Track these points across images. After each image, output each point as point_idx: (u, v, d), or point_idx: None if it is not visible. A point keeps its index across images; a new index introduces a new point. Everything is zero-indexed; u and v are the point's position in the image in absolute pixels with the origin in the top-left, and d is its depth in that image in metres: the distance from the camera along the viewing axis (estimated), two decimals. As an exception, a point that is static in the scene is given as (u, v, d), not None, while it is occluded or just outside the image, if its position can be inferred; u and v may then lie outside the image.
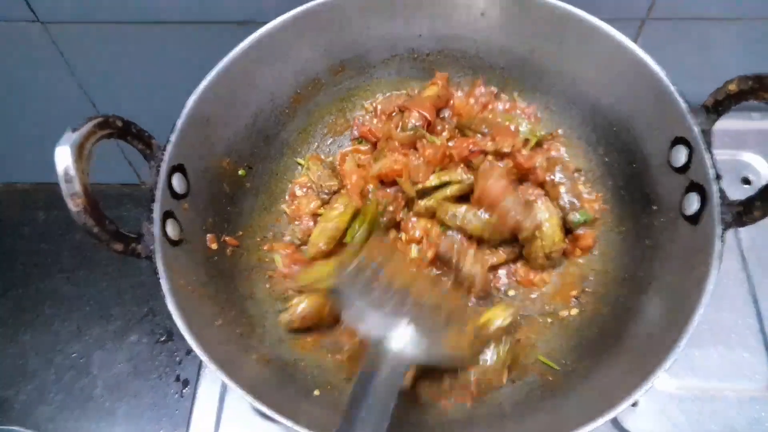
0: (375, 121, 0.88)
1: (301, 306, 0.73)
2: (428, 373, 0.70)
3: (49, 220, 1.20)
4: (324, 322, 0.74)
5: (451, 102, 0.87)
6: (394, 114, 0.86)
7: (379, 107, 0.88)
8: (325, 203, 0.83)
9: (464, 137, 0.82)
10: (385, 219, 0.79)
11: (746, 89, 0.58)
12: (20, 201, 1.23)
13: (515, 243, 0.77)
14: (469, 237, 0.75)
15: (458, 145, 0.79)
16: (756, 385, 0.81)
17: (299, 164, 0.87)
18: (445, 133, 0.83)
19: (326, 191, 0.82)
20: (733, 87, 0.59)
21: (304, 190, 0.85)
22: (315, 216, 0.83)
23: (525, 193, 0.79)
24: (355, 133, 0.88)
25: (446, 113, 0.87)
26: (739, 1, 0.86)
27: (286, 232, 0.83)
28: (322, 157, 0.88)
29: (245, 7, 0.87)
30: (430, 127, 0.82)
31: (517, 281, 0.79)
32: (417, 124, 0.81)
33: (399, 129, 0.82)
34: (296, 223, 0.83)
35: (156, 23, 0.90)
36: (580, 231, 0.77)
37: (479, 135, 0.80)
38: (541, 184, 0.80)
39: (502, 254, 0.78)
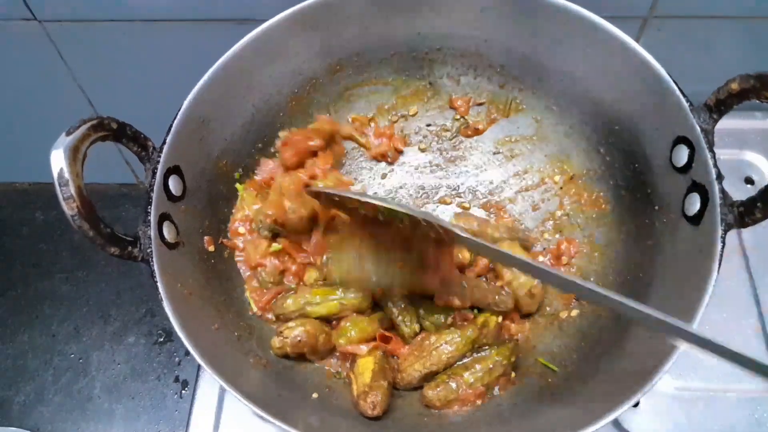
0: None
1: (296, 332, 0.69)
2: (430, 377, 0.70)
3: (48, 221, 1.20)
4: (317, 351, 0.71)
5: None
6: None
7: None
8: (271, 239, 0.76)
9: None
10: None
11: (748, 88, 0.57)
12: (19, 201, 1.23)
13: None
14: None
15: None
16: (757, 386, 0.81)
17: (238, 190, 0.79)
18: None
19: (264, 227, 0.75)
20: (735, 86, 0.58)
21: (247, 225, 0.77)
22: (275, 254, 0.75)
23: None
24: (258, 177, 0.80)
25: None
26: (744, -1, 0.85)
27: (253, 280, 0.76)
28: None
29: (243, 4, 0.86)
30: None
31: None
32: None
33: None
34: (259, 270, 0.75)
35: (154, 21, 0.90)
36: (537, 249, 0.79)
37: None
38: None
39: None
